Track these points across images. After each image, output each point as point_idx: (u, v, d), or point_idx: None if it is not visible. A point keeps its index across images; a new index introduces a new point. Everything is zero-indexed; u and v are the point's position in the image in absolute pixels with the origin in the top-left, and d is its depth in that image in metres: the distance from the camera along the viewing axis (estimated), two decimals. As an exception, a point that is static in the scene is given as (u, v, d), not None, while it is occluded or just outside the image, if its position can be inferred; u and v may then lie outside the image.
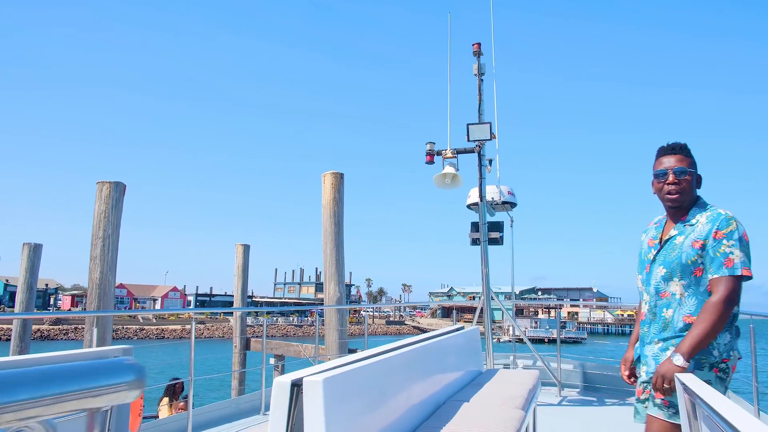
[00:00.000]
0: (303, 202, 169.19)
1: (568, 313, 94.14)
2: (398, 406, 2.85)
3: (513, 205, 7.39)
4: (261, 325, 68.78)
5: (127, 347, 2.87)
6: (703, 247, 2.38)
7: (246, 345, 16.80)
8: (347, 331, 10.40)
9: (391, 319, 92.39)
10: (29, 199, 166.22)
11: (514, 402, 3.62)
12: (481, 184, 6.65)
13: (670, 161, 2.53)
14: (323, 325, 10.61)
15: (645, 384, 2.53)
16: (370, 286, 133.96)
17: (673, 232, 2.52)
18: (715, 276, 2.34)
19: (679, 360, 2.27)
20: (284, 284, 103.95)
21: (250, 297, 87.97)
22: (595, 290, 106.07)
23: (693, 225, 2.45)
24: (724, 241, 2.33)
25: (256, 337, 18.16)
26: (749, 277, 2.31)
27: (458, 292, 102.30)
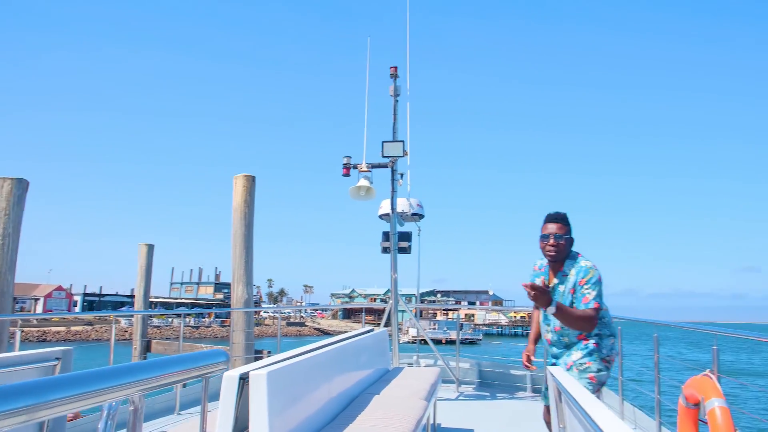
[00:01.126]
0: (209, 204, 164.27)
1: (465, 315, 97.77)
2: (323, 398, 3.30)
3: (421, 216, 8.03)
4: (156, 327, 66.28)
5: (68, 348, 3.12)
6: (575, 292, 3.33)
7: (147, 347, 16.42)
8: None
9: (292, 320, 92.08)
10: None
11: (418, 395, 4.17)
12: (392, 197, 7.24)
13: (552, 228, 3.39)
14: (222, 326, 10.71)
15: None
16: (271, 287, 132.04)
17: (555, 281, 3.44)
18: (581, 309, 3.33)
19: (551, 307, 3.19)
20: (181, 284, 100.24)
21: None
22: (491, 293, 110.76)
23: (567, 276, 3.38)
24: (585, 286, 3.30)
25: (161, 338, 17.75)
26: (599, 308, 3.28)
27: (360, 294, 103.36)
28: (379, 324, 7.50)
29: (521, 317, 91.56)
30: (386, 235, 7.47)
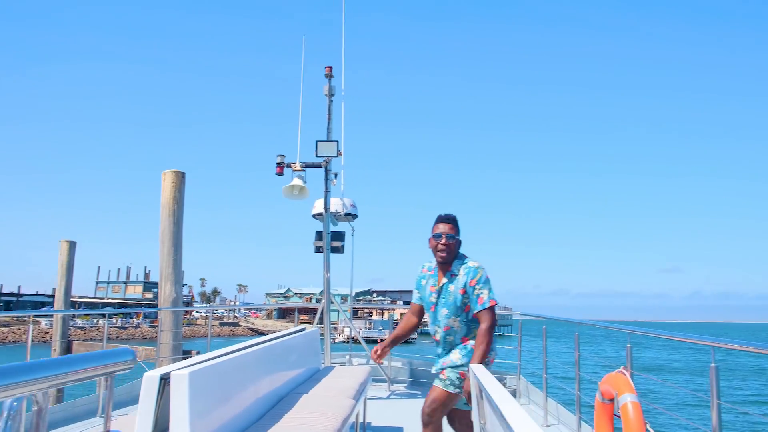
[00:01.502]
0: (140, 202, 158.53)
1: (401, 314, 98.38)
2: (249, 398, 3.24)
3: (354, 216, 8.03)
4: (80, 328, 63.11)
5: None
6: (466, 292, 3.46)
7: (67, 348, 15.63)
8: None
9: (225, 320, 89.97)
10: None
11: (346, 393, 4.17)
12: (326, 197, 7.20)
13: (444, 228, 3.51)
14: (151, 326, 10.40)
15: (439, 369, 3.63)
16: (204, 286, 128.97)
17: (445, 281, 3.54)
18: (477, 311, 3.45)
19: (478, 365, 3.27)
20: (107, 283, 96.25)
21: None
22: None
23: (456, 276, 3.50)
24: (477, 286, 3.44)
25: (84, 340, 16.94)
26: (496, 305, 3.47)
27: (295, 293, 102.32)
28: (313, 323, 7.48)
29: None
30: (319, 235, 7.43)
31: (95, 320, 68.06)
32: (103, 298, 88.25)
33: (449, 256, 3.49)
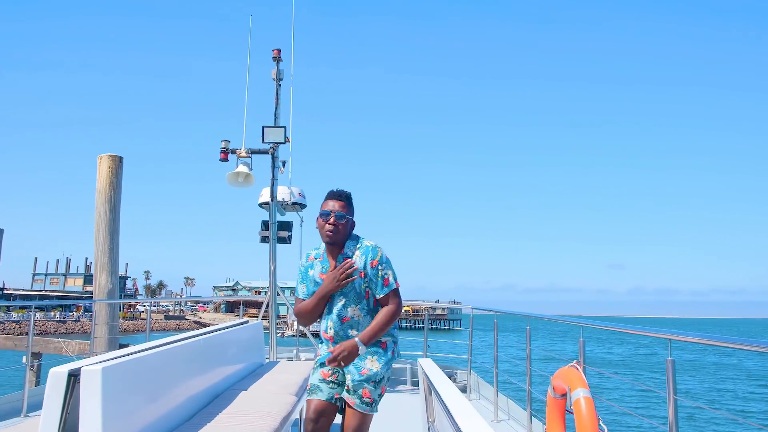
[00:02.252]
0: (82, 192, 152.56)
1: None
2: (177, 396, 2.96)
3: (303, 206, 7.75)
4: (15, 322, 60.23)
5: None
6: (366, 275, 2.90)
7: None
8: (119, 327, 9.80)
9: (171, 314, 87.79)
10: None
11: (288, 389, 3.93)
12: (273, 185, 6.90)
13: (334, 205, 2.95)
14: (90, 320, 9.87)
15: (355, 382, 2.91)
16: (148, 279, 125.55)
17: (336, 265, 2.94)
18: (382, 295, 2.93)
19: (361, 346, 2.81)
20: (45, 275, 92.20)
21: (1, 289, 76.52)
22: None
23: (351, 258, 2.93)
24: (380, 267, 2.92)
25: (20, 334, 16.00)
26: (399, 288, 2.99)
27: (244, 287, 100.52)
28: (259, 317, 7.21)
29: (406, 310, 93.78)
30: (265, 224, 7.13)
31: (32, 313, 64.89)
32: (40, 291, 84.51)
33: (337, 237, 2.93)
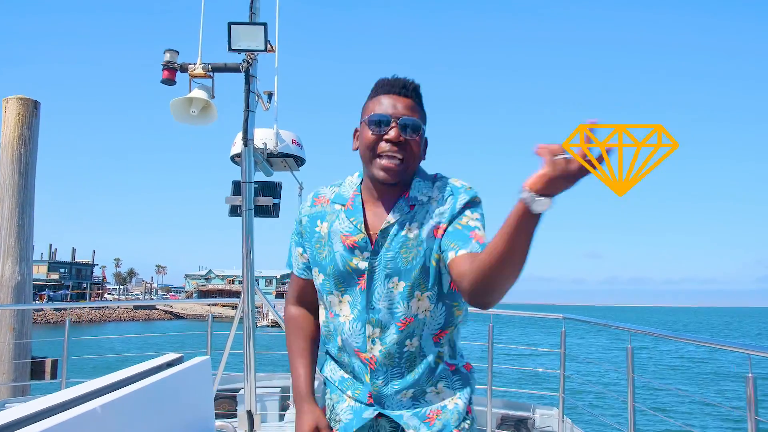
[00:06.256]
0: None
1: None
2: None
3: (300, 160, 5.07)
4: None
5: None
6: (448, 230, 1.45)
7: None
8: (85, 317, 7.23)
9: (141, 301, 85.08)
10: None
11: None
12: (247, 118, 4.27)
13: (396, 106, 1.45)
14: (56, 311, 7.16)
15: None
16: (118, 267, 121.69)
17: (391, 219, 1.47)
18: (465, 251, 1.36)
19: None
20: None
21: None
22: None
23: (424, 204, 1.48)
24: (467, 212, 1.46)
25: None
26: None
27: (217, 275, 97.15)
28: (236, 307, 4.55)
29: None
30: (237, 187, 4.55)
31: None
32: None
33: (407, 167, 1.46)
